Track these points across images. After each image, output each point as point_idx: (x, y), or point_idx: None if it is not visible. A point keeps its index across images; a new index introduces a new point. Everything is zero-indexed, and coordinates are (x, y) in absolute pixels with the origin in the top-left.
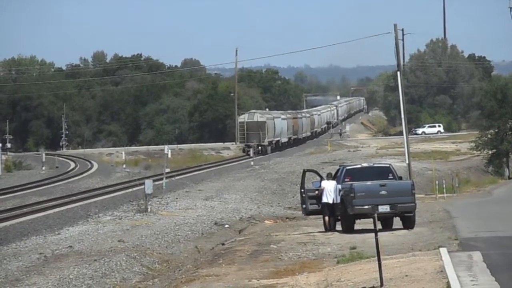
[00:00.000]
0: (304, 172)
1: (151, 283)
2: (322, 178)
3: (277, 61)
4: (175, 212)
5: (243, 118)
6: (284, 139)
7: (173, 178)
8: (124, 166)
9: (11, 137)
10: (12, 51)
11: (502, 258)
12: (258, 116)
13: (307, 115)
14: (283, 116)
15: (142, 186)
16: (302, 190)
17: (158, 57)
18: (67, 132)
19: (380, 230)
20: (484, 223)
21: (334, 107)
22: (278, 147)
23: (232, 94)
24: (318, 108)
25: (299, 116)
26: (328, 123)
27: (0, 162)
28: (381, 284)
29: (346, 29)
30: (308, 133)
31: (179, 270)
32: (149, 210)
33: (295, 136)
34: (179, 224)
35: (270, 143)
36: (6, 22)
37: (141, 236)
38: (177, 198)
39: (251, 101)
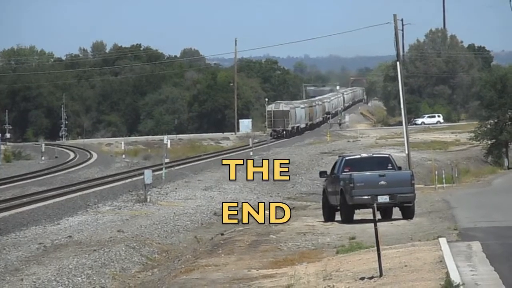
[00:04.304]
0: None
1: (150, 273)
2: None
3: (276, 51)
4: (174, 202)
5: (271, 107)
6: (303, 125)
7: (172, 168)
8: (123, 156)
9: (10, 127)
10: (11, 42)
11: (501, 248)
12: (283, 106)
13: (320, 103)
14: (302, 106)
15: (142, 176)
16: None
17: (157, 47)
18: (66, 122)
19: (380, 220)
20: (483, 213)
21: (341, 95)
22: (298, 131)
23: (231, 84)
24: (327, 96)
25: (313, 104)
26: (327, 113)
27: (0, 152)
28: (380, 274)
29: (345, 19)
30: (320, 119)
31: (179, 260)
32: (148, 200)
33: (311, 122)
34: (179, 214)
35: (292, 128)
36: (5, 13)
37: (140, 226)
38: (176, 188)
39: (251, 91)
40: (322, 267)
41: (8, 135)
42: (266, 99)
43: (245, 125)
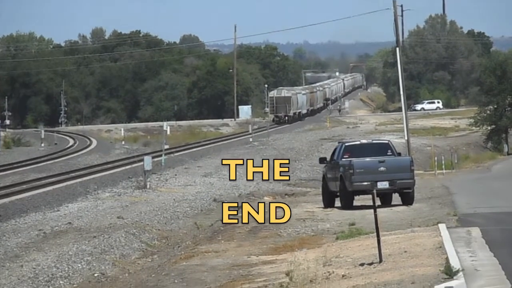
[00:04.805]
0: None
1: (150, 260)
2: None
3: (276, 37)
4: (174, 188)
5: (273, 93)
6: (304, 111)
7: (172, 155)
8: (123, 142)
9: (10, 113)
10: (10, 28)
11: (501, 234)
12: (285, 92)
13: (321, 89)
14: (303, 92)
15: (141, 163)
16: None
17: (156, 34)
18: (66, 108)
19: (379, 207)
20: (483, 199)
21: (341, 81)
22: (300, 117)
23: (231, 71)
24: (328, 81)
25: (315, 90)
26: (326, 99)
27: None
28: (380, 260)
29: (345, 5)
30: (321, 104)
31: (178, 247)
32: (148, 186)
33: (312, 108)
34: (178, 200)
35: (294, 114)
36: None
37: (140, 212)
38: (176, 175)
39: (250, 78)
40: (321, 253)
41: (7, 122)
42: (266, 85)
43: (245, 111)
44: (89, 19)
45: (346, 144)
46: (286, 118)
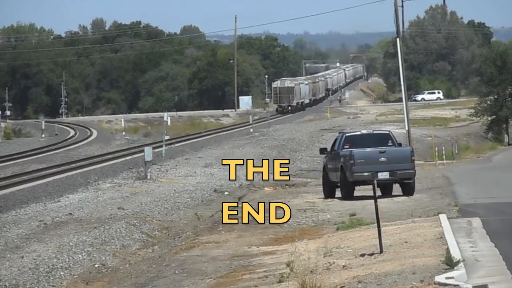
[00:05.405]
0: None
1: (151, 250)
2: None
3: (276, 28)
4: (174, 179)
5: (276, 84)
6: (307, 101)
7: (172, 146)
8: (123, 133)
9: (10, 104)
10: (11, 19)
11: (502, 224)
12: (288, 82)
13: (322, 78)
14: (306, 82)
15: (142, 154)
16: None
17: (157, 24)
18: (66, 99)
19: (380, 197)
20: (483, 189)
21: (342, 71)
22: (302, 107)
23: (231, 61)
24: (329, 71)
25: (317, 80)
26: (327, 89)
27: (0, 129)
28: (381, 251)
29: None
30: (323, 94)
31: (179, 237)
32: (148, 177)
33: (314, 97)
34: (179, 191)
35: (297, 104)
36: None
37: (140, 203)
38: (176, 165)
39: (251, 68)
40: (322, 244)
41: (8, 113)
42: (266, 76)
43: (245, 102)
44: (89, 9)
45: (347, 134)
46: (289, 108)
